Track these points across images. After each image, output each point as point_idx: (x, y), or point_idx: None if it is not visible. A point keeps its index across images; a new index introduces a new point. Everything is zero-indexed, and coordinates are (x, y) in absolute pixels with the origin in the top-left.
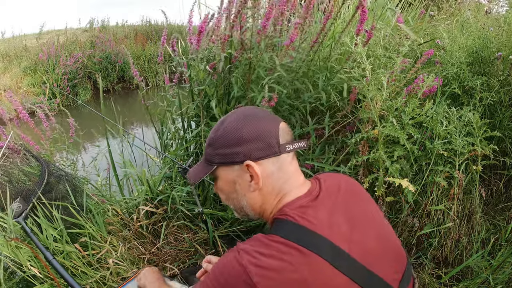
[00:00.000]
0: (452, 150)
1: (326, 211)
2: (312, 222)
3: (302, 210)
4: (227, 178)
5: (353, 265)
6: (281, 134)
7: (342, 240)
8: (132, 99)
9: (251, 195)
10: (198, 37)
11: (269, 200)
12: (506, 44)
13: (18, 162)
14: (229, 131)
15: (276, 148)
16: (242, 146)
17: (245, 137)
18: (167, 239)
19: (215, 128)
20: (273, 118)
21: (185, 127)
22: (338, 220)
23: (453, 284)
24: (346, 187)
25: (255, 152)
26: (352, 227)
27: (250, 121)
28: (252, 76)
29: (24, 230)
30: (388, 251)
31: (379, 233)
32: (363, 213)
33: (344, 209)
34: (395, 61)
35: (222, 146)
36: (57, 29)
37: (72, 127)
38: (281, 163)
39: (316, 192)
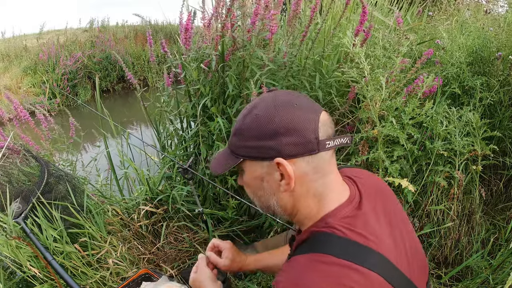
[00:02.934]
0: (452, 150)
1: (373, 221)
2: (363, 235)
3: (349, 222)
4: (253, 173)
5: (404, 282)
6: (322, 128)
7: (390, 254)
8: (132, 99)
9: (281, 195)
10: (185, 35)
11: (305, 203)
12: (506, 44)
13: (18, 163)
14: (259, 120)
15: (314, 144)
16: (274, 140)
17: (278, 128)
18: (167, 239)
19: (242, 114)
20: (313, 107)
21: (184, 127)
22: (383, 230)
23: (453, 284)
24: (380, 190)
25: (288, 148)
26: (393, 238)
27: (286, 110)
28: (246, 73)
29: (24, 230)
30: (419, 262)
31: (412, 243)
32: (400, 221)
33: (384, 217)
34: (395, 61)
35: (250, 137)
36: (57, 29)
37: (72, 127)
38: (318, 162)
39: (357, 198)
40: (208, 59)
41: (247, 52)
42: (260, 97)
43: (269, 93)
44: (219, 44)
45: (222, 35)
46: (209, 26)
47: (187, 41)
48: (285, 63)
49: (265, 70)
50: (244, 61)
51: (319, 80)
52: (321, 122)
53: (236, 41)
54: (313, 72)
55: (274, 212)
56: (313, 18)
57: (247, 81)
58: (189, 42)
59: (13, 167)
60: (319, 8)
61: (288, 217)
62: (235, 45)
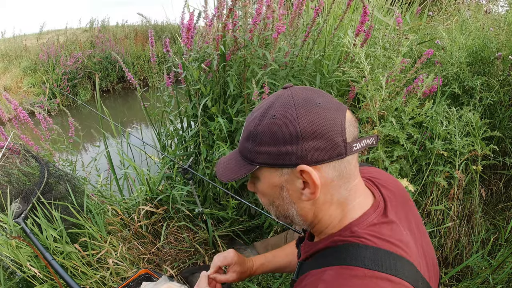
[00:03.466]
0: (452, 150)
1: (399, 228)
2: (393, 243)
3: (376, 230)
4: (271, 181)
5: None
6: (348, 128)
7: (417, 261)
8: (132, 99)
9: (303, 204)
10: (187, 35)
11: (328, 212)
12: (506, 44)
13: (18, 163)
14: (278, 122)
15: (341, 148)
16: (296, 144)
17: (300, 132)
18: (167, 239)
19: (256, 116)
20: (337, 104)
21: (184, 127)
22: (410, 237)
23: (453, 284)
24: (401, 195)
25: (313, 153)
26: (416, 244)
27: (308, 109)
28: (247, 73)
29: (24, 230)
30: (435, 267)
31: (429, 248)
32: (420, 226)
33: (408, 223)
34: (395, 61)
35: (268, 142)
36: (57, 29)
37: (72, 127)
38: (345, 167)
39: (382, 204)
40: (209, 59)
41: (248, 51)
42: (276, 95)
43: (285, 90)
44: (220, 44)
45: (224, 35)
46: (210, 25)
47: (189, 41)
48: (286, 62)
49: (268, 69)
50: (245, 60)
51: (319, 80)
52: (348, 122)
53: (237, 40)
54: (313, 72)
55: (292, 221)
56: (316, 19)
57: (248, 81)
58: (191, 42)
59: (13, 167)
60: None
61: (308, 227)
62: (237, 45)
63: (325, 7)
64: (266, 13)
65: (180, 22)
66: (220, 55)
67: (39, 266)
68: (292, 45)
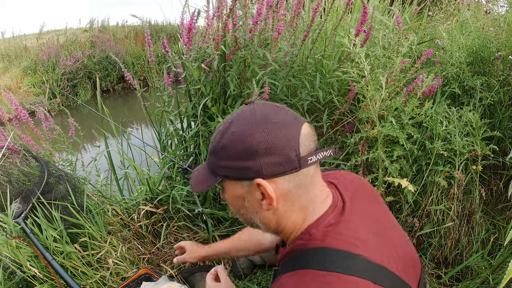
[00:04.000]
0: (452, 150)
1: (357, 224)
2: (347, 241)
3: (332, 229)
4: (234, 193)
5: (397, 281)
6: (303, 143)
7: (378, 255)
8: (132, 99)
9: (264, 213)
10: (188, 35)
11: (290, 219)
12: (506, 44)
13: (17, 163)
14: (237, 139)
15: (295, 162)
16: (253, 160)
17: (256, 148)
18: (167, 239)
19: (219, 131)
20: (294, 121)
21: (184, 127)
22: (369, 231)
23: (453, 284)
24: (362, 190)
25: (268, 168)
26: (379, 236)
27: (264, 127)
28: (248, 73)
29: (24, 230)
30: (409, 256)
31: (400, 238)
32: (385, 217)
33: (369, 217)
34: (394, 61)
35: (228, 157)
36: (57, 29)
37: (72, 127)
38: (301, 178)
39: (340, 203)
40: (209, 59)
41: (248, 51)
42: (237, 112)
43: (246, 107)
44: (220, 43)
45: (224, 35)
46: (210, 26)
47: (189, 40)
48: (286, 62)
49: (268, 69)
50: (246, 60)
51: (319, 79)
52: (302, 137)
53: (238, 40)
54: (313, 72)
55: (259, 228)
56: (315, 18)
57: (249, 81)
58: (191, 42)
59: (13, 167)
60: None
61: (273, 233)
62: (237, 45)
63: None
64: (267, 13)
65: (180, 22)
66: (220, 55)
67: (39, 266)
68: (292, 45)
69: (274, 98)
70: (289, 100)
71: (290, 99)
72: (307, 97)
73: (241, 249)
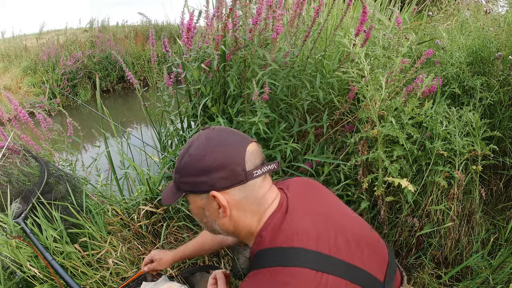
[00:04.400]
0: (452, 150)
1: (297, 220)
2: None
3: (278, 229)
4: (196, 204)
5: (338, 265)
6: (248, 159)
7: (320, 243)
8: (132, 99)
9: (222, 221)
10: (187, 35)
11: (244, 223)
12: (505, 44)
13: (17, 163)
14: (193, 159)
15: (242, 176)
16: (207, 176)
17: (208, 166)
18: (167, 239)
19: (181, 154)
20: (240, 141)
21: (184, 127)
22: (310, 225)
23: (453, 284)
24: (311, 190)
25: (219, 182)
26: (326, 226)
27: (214, 148)
28: (248, 73)
29: (24, 230)
30: (366, 244)
31: (356, 227)
32: (334, 212)
33: (313, 213)
34: (394, 61)
35: (187, 174)
36: (57, 29)
37: (70, 127)
38: (250, 189)
39: (285, 204)
40: (209, 59)
41: (248, 51)
42: (195, 136)
43: (202, 132)
44: (220, 43)
45: (224, 35)
46: (210, 26)
47: (189, 40)
48: (286, 63)
49: (268, 70)
50: (246, 60)
51: (319, 79)
52: (248, 154)
53: (238, 40)
54: (314, 72)
55: (220, 233)
56: (316, 19)
57: (249, 81)
58: (191, 42)
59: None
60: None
61: (233, 236)
62: (237, 45)
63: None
64: (266, 13)
65: (180, 22)
66: (220, 55)
67: (39, 266)
68: (292, 45)
69: (274, 98)
70: (289, 100)
71: (290, 99)
72: (307, 97)
73: (205, 249)
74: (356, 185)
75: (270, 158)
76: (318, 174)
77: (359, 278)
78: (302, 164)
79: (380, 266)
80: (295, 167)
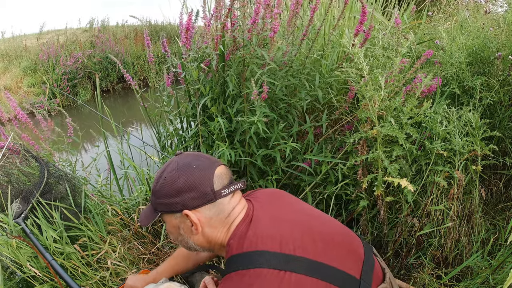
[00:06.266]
0: (452, 150)
1: (263, 226)
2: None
3: (244, 236)
4: (171, 223)
5: (304, 263)
6: (216, 180)
7: (284, 245)
8: (132, 99)
9: (195, 237)
10: (186, 35)
11: (215, 237)
12: (505, 44)
13: (17, 163)
14: (166, 182)
15: (210, 195)
16: (179, 197)
17: (181, 188)
18: (167, 239)
19: (156, 177)
20: (209, 165)
21: (184, 127)
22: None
23: (453, 284)
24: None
25: (191, 201)
26: (292, 229)
27: (185, 172)
28: (247, 73)
29: (24, 231)
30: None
31: (324, 227)
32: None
33: (278, 219)
34: (394, 61)
35: (162, 196)
36: (57, 29)
37: (70, 127)
38: (219, 206)
39: (251, 214)
40: (208, 59)
41: (247, 51)
42: (169, 161)
43: (175, 157)
44: (219, 43)
45: (223, 35)
46: (209, 26)
47: (187, 40)
48: (285, 62)
49: (266, 69)
50: (244, 60)
51: (318, 79)
52: (216, 176)
53: (236, 40)
54: (312, 72)
55: (195, 250)
56: (313, 18)
57: (247, 80)
58: (189, 42)
59: (13, 167)
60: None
61: (209, 251)
62: (236, 45)
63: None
64: (264, 13)
65: (179, 23)
66: (219, 55)
67: (39, 266)
68: (290, 45)
69: (273, 97)
70: (288, 99)
71: (290, 98)
72: (306, 97)
73: (180, 269)
74: (355, 185)
75: (270, 157)
76: (316, 174)
77: (329, 276)
78: (301, 164)
79: (355, 264)
80: (295, 166)
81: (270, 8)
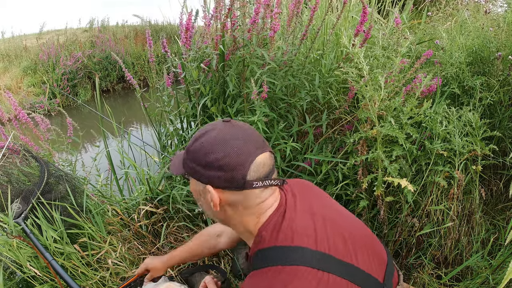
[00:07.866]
0: (452, 150)
1: (298, 219)
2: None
3: (277, 229)
4: (193, 187)
5: (338, 264)
6: (254, 169)
7: (320, 243)
8: (132, 99)
9: (213, 210)
10: (186, 35)
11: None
12: (505, 44)
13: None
14: (200, 150)
15: (239, 183)
16: (208, 170)
17: (210, 163)
18: (167, 239)
19: (195, 136)
20: (251, 151)
21: (184, 127)
22: (309, 225)
23: (453, 284)
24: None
25: (217, 180)
26: (324, 226)
27: (222, 149)
28: (246, 73)
29: (24, 231)
30: (364, 244)
31: (353, 229)
32: (329, 210)
33: (312, 213)
34: (394, 61)
35: (193, 160)
36: (57, 29)
37: (70, 127)
38: (246, 195)
39: (284, 206)
40: (208, 59)
41: (247, 51)
42: (214, 125)
43: (221, 124)
44: (219, 43)
45: (223, 35)
46: (209, 25)
47: (187, 40)
48: (285, 62)
49: (266, 69)
50: (244, 60)
51: (318, 79)
52: (256, 164)
53: (236, 40)
54: (312, 72)
55: (211, 217)
56: (313, 18)
57: (247, 80)
58: (189, 42)
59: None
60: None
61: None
62: (236, 45)
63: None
64: (264, 12)
65: (179, 23)
66: (219, 55)
67: (39, 266)
68: (290, 44)
69: (273, 97)
70: (288, 99)
71: (290, 98)
72: (306, 97)
73: (197, 254)
74: (355, 185)
75: None
76: (317, 174)
77: (358, 278)
78: (301, 163)
79: (379, 267)
80: (295, 166)
81: (270, 8)
